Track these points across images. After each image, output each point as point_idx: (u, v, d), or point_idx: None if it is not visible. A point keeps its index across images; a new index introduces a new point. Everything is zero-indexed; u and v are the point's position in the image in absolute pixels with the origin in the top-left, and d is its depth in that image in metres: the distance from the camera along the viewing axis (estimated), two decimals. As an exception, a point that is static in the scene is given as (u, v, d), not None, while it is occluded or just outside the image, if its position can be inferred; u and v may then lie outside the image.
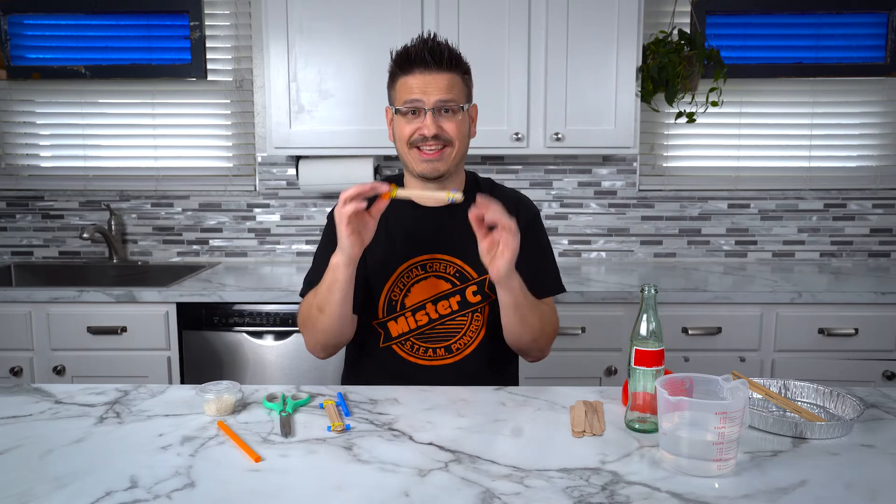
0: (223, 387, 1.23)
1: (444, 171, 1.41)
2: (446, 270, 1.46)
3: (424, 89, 1.36)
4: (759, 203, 2.76)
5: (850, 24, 2.69)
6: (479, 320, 1.47)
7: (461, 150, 1.43)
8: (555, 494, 0.92)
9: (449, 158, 1.41)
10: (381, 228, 1.45)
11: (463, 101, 1.41)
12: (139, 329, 2.19)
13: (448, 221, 1.46)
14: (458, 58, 1.40)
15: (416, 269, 1.46)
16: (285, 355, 2.21)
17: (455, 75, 1.39)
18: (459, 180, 1.52)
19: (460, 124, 1.40)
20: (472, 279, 1.46)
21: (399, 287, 1.46)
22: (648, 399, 1.11)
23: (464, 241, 1.42)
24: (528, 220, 1.50)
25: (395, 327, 1.47)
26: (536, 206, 1.58)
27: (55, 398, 1.27)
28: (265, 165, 2.76)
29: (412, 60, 1.37)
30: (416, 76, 1.37)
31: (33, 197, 2.80)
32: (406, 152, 1.42)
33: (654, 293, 1.13)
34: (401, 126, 1.41)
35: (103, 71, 2.72)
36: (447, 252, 1.45)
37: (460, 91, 1.40)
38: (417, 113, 1.38)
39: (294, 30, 2.31)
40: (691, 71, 2.45)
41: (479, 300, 1.46)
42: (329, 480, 0.97)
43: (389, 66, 1.42)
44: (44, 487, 0.93)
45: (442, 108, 1.38)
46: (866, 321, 2.16)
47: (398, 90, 1.41)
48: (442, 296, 1.45)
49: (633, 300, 2.16)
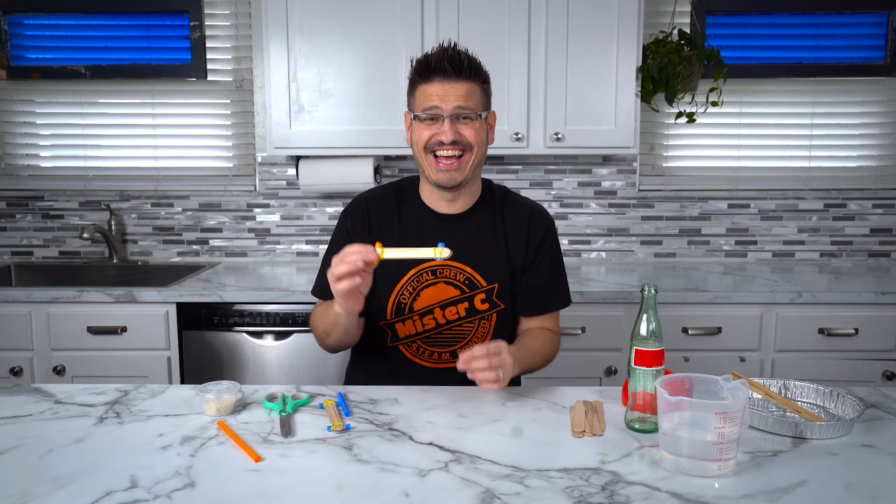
0: (223, 387, 1.23)
1: (461, 180, 1.41)
2: (456, 277, 1.45)
3: (443, 97, 1.37)
4: (759, 203, 2.76)
5: (850, 24, 2.69)
6: (486, 327, 1.47)
7: (479, 155, 1.43)
8: (555, 494, 0.92)
9: (466, 166, 1.41)
10: (394, 230, 1.48)
11: (481, 109, 1.41)
12: (139, 329, 2.19)
13: (461, 229, 1.47)
14: (477, 67, 1.41)
15: (427, 273, 1.45)
16: (285, 355, 2.21)
17: (474, 84, 1.39)
18: (475, 188, 1.51)
19: (478, 130, 1.40)
20: (482, 287, 1.46)
21: (409, 290, 1.46)
22: (648, 399, 1.11)
23: (476, 249, 1.45)
24: (542, 235, 1.50)
25: (402, 329, 1.47)
26: (550, 216, 1.57)
27: (55, 398, 1.27)
28: (265, 165, 2.76)
29: (432, 69, 1.37)
30: (435, 84, 1.37)
31: (33, 197, 2.80)
32: (423, 158, 1.42)
33: (654, 293, 1.13)
34: (419, 131, 1.41)
35: (103, 71, 2.72)
36: (458, 259, 1.44)
37: (479, 99, 1.41)
38: (436, 119, 1.38)
39: (294, 30, 2.31)
40: (691, 71, 2.45)
41: (486, 308, 1.46)
42: (329, 480, 0.97)
43: (409, 73, 1.43)
44: (44, 487, 0.93)
45: (460, 115, 1.38)
46: (866, 321, 2.16)
47: (418, 98, 1.41)
48: (450, 302, 1.46)
49: (633, 300, 2.16)
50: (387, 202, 1.51)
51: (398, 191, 1.53)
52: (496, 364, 1.21)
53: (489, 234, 1.48)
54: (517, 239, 1.49)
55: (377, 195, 1.54)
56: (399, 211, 1.50)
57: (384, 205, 1.51)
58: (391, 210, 1.50)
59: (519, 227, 1.50)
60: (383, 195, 1.53)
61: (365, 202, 1.52)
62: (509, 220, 1.50)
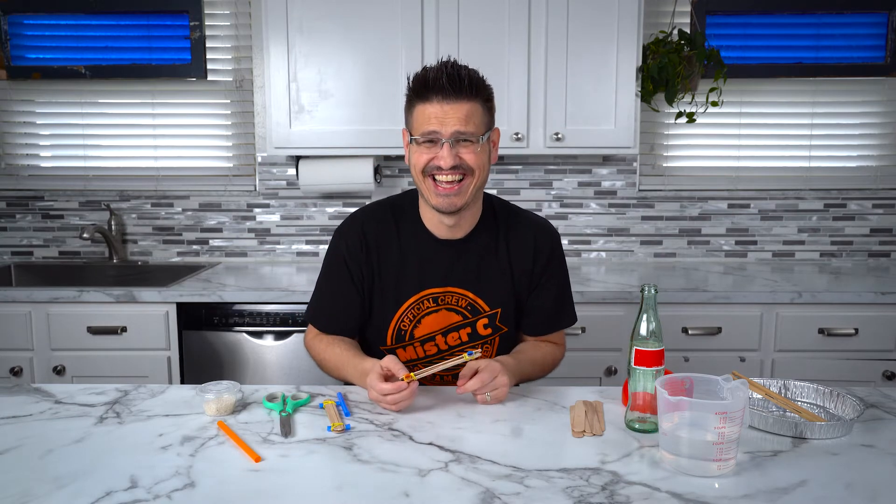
0: (223, 387, 1.24)
1: (461, 205, 1.34)
2: (458, 303, 1.42)
3: (442, 120, 1.28)
4: (759, 203, 2.76)
5: (850, 24, 2.69)
6: (489, 352, 1.45)
7: (481, 179, 1.35)
8: (555, 494, 0.92)
9: (467, 191, 1.33)
10: (393, 254, 1.42)
11: (482, 131, 1.32)
12: (139, 329, 2.19)
13: (463, 254, 1.42)
14: (479, 84, 1.32)
15: (428, 300, 1.41)
16: (285, 355, 2.21)
17: (475, 103, 1.30)
18: (476, 210, 1.43)
19: (479, 154, 1.32)
20: (485, 312, 1.43)
21: (409, 318, 1.42)
22: (648, 399, 1.11)
23: (478, 274, 1.41)
24: (548, 255, 1.46)
25: (402, 355, 1.44)
26: (557, 233, 1.51)
27: (55, 398, 1.27)
28: (265, 165, 2.76)
29: (430, 87, 1.28)
30: (433, 104, 1.28)
31: (33, 197, 2.80)
32: (421, 181, 1.35)
33: (654, 293, 1.13)
34: (417, 154, 1.33)
35: (103, 71, 2.72)
36: (460, 285, 1.41)
37: (480, 120, 1.32)
38: (434, 142, 1.31)
39: (294, 30, 2.31)
40: (691, 71, 2.45)
41: (489, 333, 1.44)
42: (329, 480, 0.97)
43: (406, 90, 1.34)
44: (44, 487, 0.93)
45: (460, 139, 1.30)
46: (866, 321, 2.16)
47: (415, 118, 1.33)
48: (452, 328, 1.43)
49: (633, 300, 2.16)
50: (384, 223, 1.44)
51: (396, 208, 1.46)
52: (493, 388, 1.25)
53: (492, 258, 1.43)
54: (522, 261, 1.44)
55: (374, 215, 1.46)
56: (398, 233, 1.43)
57: (382, 226, 1.43)
58: (389, 232, 1.43)
59: (524, 248, 1.44)
60: (380, 215, 1.46)
61: (361, 222, 1.44)
62: (514, 241, 1.44)
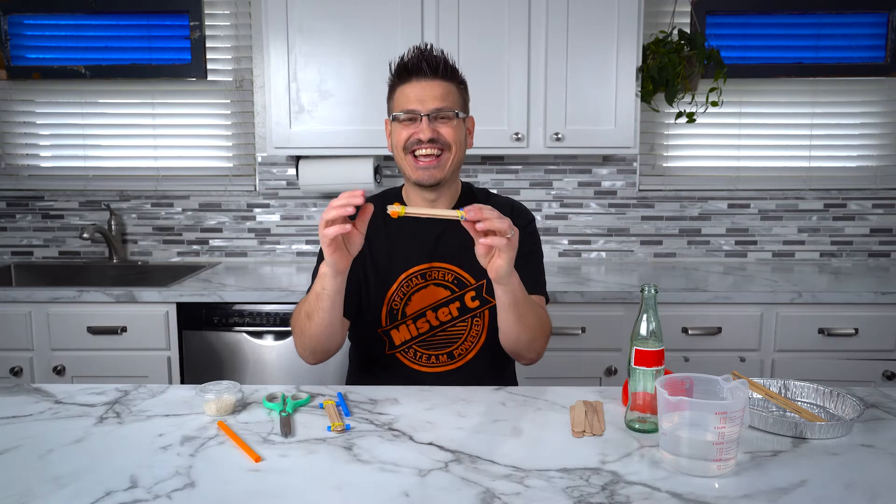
0: (223, 387, 1.23)
1: (440, 178, 1.43)
2: (444, 278, 1.47)
3: (421, 97, 1.39)
4: (759, 203, 2.76)
5: (850, 24, 2.69)
6: (479, 325, 1.48)
7: (458, 155, 1.44)
8: (555, 494, 0.92)
9: (446, 165, 1.42)
10: (382, 238, 1.49)
11: (458, 109, 1.43)
12: (139, 329, 2.19)
13: (445, 230, 1.48)
14: (453, 69, 1.43)
15: (416, 277, 1.47)
16: (285, 355, 2.20)
17: (451, 84, 1.42)
18: (455, 189, 1.53)
19: (456, 129, 1.42)
20: (471, 285, 1.47)
21: (399, 296, 1.47)
22: (648, 399, 1.11)
23: (461, 248, 1.43)
24: (523, 227, 1.46)
25: (397, 335, 1.48)
26: (531, 212, 1.59)
27: (55, 398, 1.27)
28: (265, 165, 2.76)
29: (409, 70, 1.40)
30: (412, 84, 1.40)
31: (33, 197, 2.80)
32: (402, 158, 1.44)
33: (654, 293, 1.13)
34: (398, 132, 1.43)
35: (103, 71, 2.72)
36: (445, 260, 1.47)
37: (455, 100, 1.43)
38: (414, 119, 1.40)
39: (294, 30, 2.31)
40: (691, 71, 2.45)
41: (477, 305, 1.47)
42: (329, 480, 0.97)
43: (388, 78, 1.45)
44: (44, 487, 0.93)
45: (438, 114, 1.40)
46: (866, 321, 2.16)
47: (396, 100, 1.44)
48: (441, 303, 1.47)
49: (633, 300, 2.16)
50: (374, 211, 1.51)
51: (386, 196, 1.56)
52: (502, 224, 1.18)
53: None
54: None
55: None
56: (385, 215, 1.45)
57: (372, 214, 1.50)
58: (377, 217, 1.44)
59: None
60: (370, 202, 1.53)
61: None
62: None
